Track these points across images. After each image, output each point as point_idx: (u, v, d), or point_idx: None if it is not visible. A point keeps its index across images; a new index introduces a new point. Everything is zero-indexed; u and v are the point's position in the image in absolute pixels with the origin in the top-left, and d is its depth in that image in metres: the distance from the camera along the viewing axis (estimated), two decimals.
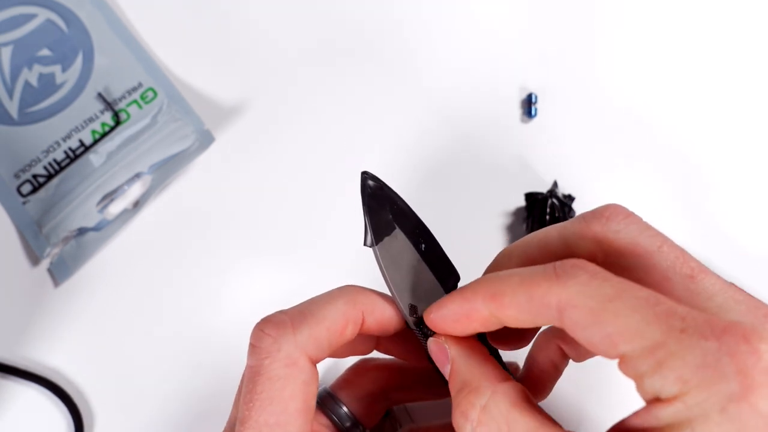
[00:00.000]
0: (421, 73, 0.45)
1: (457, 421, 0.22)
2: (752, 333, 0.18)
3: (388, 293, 0.26)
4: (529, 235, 0.25)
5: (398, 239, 0.26)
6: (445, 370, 0.24)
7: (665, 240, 0.21)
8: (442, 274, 0.27)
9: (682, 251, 0.21)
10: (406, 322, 0.26)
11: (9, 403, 0.39)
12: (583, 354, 0.26)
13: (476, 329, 0.23)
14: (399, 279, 0.25)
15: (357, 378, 0.29)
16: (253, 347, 0.23)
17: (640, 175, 0.44)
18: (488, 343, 0.26)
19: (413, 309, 0.26)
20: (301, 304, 0.25)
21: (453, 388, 0.23)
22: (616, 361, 0.19)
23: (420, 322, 0.25)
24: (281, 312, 0.24)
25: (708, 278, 0.20)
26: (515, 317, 0.21)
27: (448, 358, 0.24)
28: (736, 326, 0.18)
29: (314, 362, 0.24)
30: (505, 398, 0.21)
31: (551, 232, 0.24)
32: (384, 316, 0.25)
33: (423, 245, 0.27)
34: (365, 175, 0.26)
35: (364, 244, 0.25)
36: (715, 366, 0.17)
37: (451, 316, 0.24)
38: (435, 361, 0.25)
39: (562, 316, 0.20)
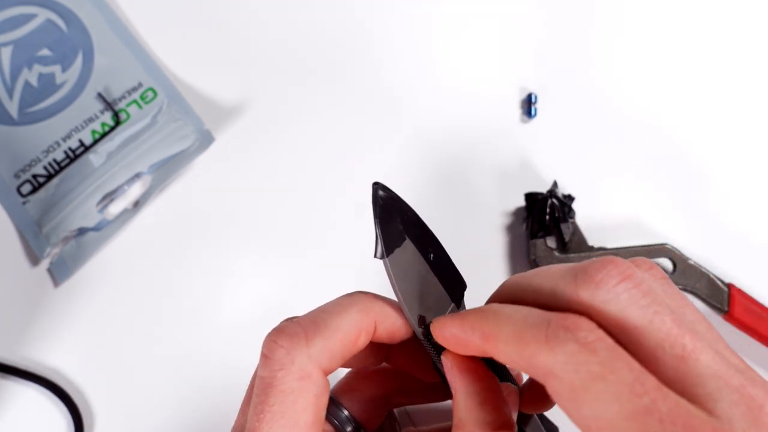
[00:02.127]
0: (421, 73, 0.45)
1: None
2: None
3: (396, 301, 0.25)
4: (527, 275, 0.23)
5: (408, 250, 0.25)
6: (453, 392, 0.24)
7: (658, 311, 0.19)
8: (450, 283, 0.27)
9: (677, 323, 0.19)
10: (414, 333, 0.26)
11: (9, 403, 0.39)
12: None
13: (477, 354, 0.23)
14: (408, 290, 0.25)
15: (358, 382, 0.29)
16: (266, 358, 0.23)
17: (640, 175, 0.44)
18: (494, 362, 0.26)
19: (422, 320, 0.25)
20: (312, 312, 0.25)
21: (454, 415, 0.23)
22: None
23: (429, 333, 0.25)
24: (294, 322, 0.24)
25: (701, 360, 0.18)
26: (506, 362, 0.21)
27: (453, 382, 0.24)
28: (721, 428, 0.16)
29: (326, 374, 0.24)
30: None
31: (543, 285, 0.22)
32: (395, 326, 0.25)
33: (431, 254, 0.26)
34: (376, 186, 0.25)
35: (375, 256, 0.25)
36: None
37: (452, 339, 0.23)
38: (449, 382, 0.24)
39: (547, 381, 0.19)
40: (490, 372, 0.24)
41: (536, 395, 0.26)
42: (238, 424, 0.26)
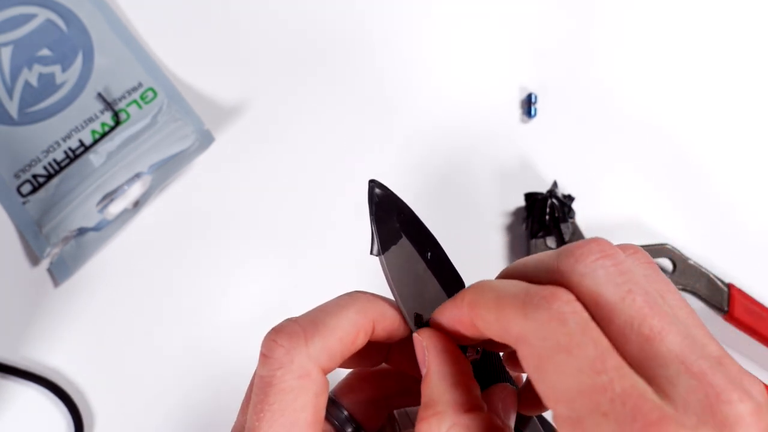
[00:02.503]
0: (421, 73, 0.45)
1: None
2: (688, 425, 0.16)
3: (394, 300, 0.26)
4: (522, 258, 0.24)
5: (404, 248, 0.26)
6: (422, 370, 0.24)
7: (631, 290, 0.19)
8: (448, 282, 0.27)
9: (649, 304, 0.19)
10: (411, 331, 0.26)
11: (9, 403, 0.39)
12: None
13: (469, 335, 0.23)
14: (405, 288, 0.25)
15: (358, 382, 0.29)
16: (265, 357, 0.23)
17: (640, 175, 0.44)
18: (499, 362, 0.26)
19: (418, 318, 0.25)
20: (311, 312, 0.25)
21: (423, 395, 0.23)
22: None
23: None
24: (293, 321, 0.24)
25: (666, 341, 0.18)
26: (488, 332, 0.21)
27: (425, 362, 0.24)
28: (663, 421, 0.16)
29: (326, 373, 0.24)
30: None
31: (529, 263, 0.22)
32: (393, 325, 0.25)
33: (429, 253, 0.26)
34: (372, 184, 0.25)
35: (371, 253, 0.25)
36: None
37: (446, 321, 0.24)
38: (417, 356, 0.24)
39: (518, 347, 0.19)
40: (464, 356, 0.24)
41: (535, 396, 0.26)
42: (239, 424, 0.26)
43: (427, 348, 0.24)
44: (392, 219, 0.25)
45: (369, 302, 0.25)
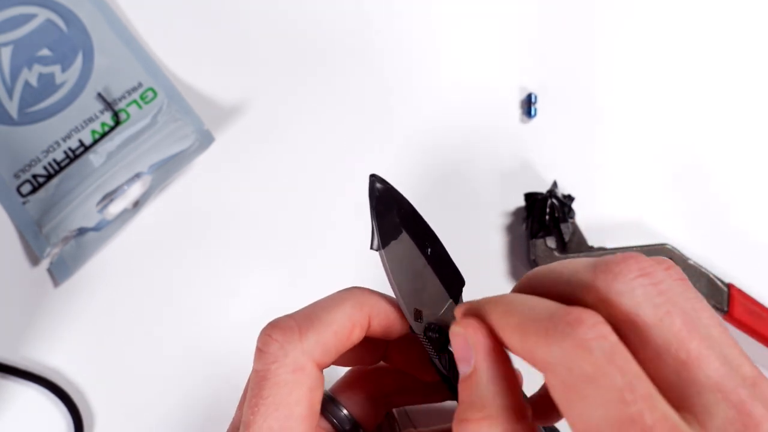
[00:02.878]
0: (421, 73, 0.45)
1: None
2: None
3: (393, 296, 0.26)
4: (551, 265, 0.23)
5: (404, 243, 0.26)
6: (461, 367, 0.23)
7: (670, 311, 0.18)
8: (448, 279, 0.27)
9: (687, 326, 0.18)
10: (410, 327, 0.26)
11: (9, 403, 0.39)
12: None
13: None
14: (404, 283, 0.25)
15: (357, 381, 0.29)
16: (260, 352, 0.23)
17: (640, 175, 0.44)
18: None
19: (418, 313, 0.25)
20: (307, 307, 0.25)
21: (465, 395, 0.22)
22: None
23: (426, 328, 0.25)
24: (288, 316, 0.24)
25: (704, 367, 0.17)
26: (513, 352, 0.21)
27: (471, 359, 0.22)
28: None
29: (321, 367, 0.24)
30: None
31: (563, 273, 0.22)
32: (389, 320, 0.25)
33: (429, 249, 0.26)
34: (373, 178, 0.25)
35: (371, 248, 0.25)
36: None
37: (472, 327, 0.22)
38: (456, 351, 0.23)
39: (545, 375, 0.19)
40: (510, 359, 0.23)
41: (546, 406, 0.26)
42: (236, 421, 0.26)
43: (474, 345, 0.22)
44: (392, 214, 0.25)
45: (365, 297, 0.25)
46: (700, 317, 0.19)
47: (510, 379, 0.22)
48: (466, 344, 0.22)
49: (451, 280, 0.27)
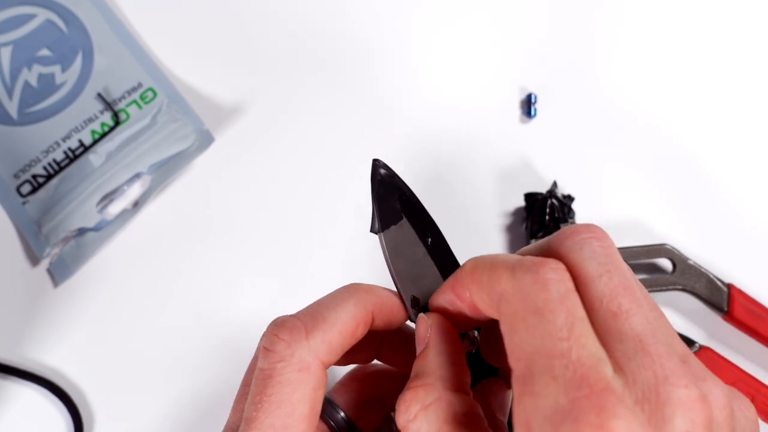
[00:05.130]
0: (421, 73, 0.45)
1: (398, 405, 0.22)
2: (614, 404, 0.17)
3: (392, 286, 0.26)
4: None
5: (405, 230, 0.26)
6: (419, 348, 0.24)
7: (611, 270, 0.20)
8: (448, 271, 0.26)
9: (623, 285, 0.20)
10: (408, 317, 0.26)
11: (9, 403, 0.39)
12: None
13: (467, 315, 0.24)
14: (403, 269, 0.25)
15: (355, 383, 0.29)
16: (267, 351, 0.24)
17: (640, 175, 0.44)
18: (483, 361, 0.26)
19: (415, 301, 0.26)
20: (310, 306, 0.25)
21: (413, 369, 0.23)
22: None
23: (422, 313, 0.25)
24: (293, 316, 0.24)
25: (630, 321, 0.19)
26: (480, 297, 0.22)
27: (425, 339, 0.24)
28: (604, 393, 0.17)
29: (326, 367, 0.24)
30: (446, 409, 0.22)
31: (529, 246, 0.24)
32: (392, 312, 0.26)
33: (430, 239, 0.26)
34: (376, 163, 0.25)
35: (371, 231, 0.25)
36: (558, 427, 0.17)
37: (447, 296, 0.24)
38: (416, 335, 0.25)
39: (499, 304, 0.20)
40: (461, 343, 0.25)
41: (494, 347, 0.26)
42: (231, 422, 0.26)
43: (432, 326, 0.24)
44: (394, 199, 0.26)
45: (366, 293, 0.25)
46: (634, 283, 0.21)
47: (455, 355, 0.24)
48: (426, 326, 0.24)
49: (451, 271, 0.27)
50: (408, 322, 0.26)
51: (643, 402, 0.17)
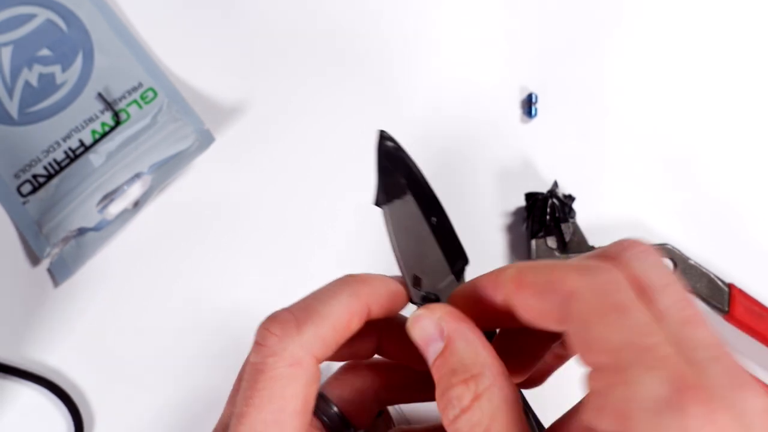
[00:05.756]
0: (421, 73, 0.45)
1: (443, 403, 0.22)
2: (716, 400, 0.17)
3: (391, 272, 0.25)
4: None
5: (409, 205, 0.25)
6: (429, 349, 0.23)
7: (673, 283, 0.21)
8: (451, 253, 0.26)
9: (686, 297, 0.21)
10: (410, 298, 0.25)
11: (9, 403, 0.39)
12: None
13: (489, 315, 0.23)
14: (405, 245, 0.24)
15: (348, 377, 0.29)
16: (258, 345, 0.23)
17: (640, 175, 0.44)
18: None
19: (417, 280, 0.25)
20: (303, 299, 0.25)
21: (443, 368, 0.22)
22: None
23: (424, 297, 0.25)
24: (286, 310, 0.24)
25: (701, 330, 0.20)
26: (527, 301, 0.21)
27: (443, 334, 0.23)
28: (700, 388, 0.17)
29: (319, 361, 0.24)
30: (500, 393, 0.21)
31: (591, 252, 0.24)
32: (390, 300, 0.25)
33: (434, 219, 0.26)
34: (382, 134, 0.24)
35: (373, 203, 0.24)
36: (661, 415, 0.17)
37: (474, 297, 0.23)
38: (420, 337, 0.23)
39: (568, 303, 0.20)
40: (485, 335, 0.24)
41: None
42: (225, 416, 0.26)
43: (443, 319, 0.23)
44: (399, 173, 0.25)
45: (361, 284, 0.25)
46: (687, 294, 0.21)
47: (484, 341, 0.23)
48: (432, 323, 0.23)
49: (455, 255, 0.26)
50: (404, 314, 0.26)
51: (730, 403, 0.18)
